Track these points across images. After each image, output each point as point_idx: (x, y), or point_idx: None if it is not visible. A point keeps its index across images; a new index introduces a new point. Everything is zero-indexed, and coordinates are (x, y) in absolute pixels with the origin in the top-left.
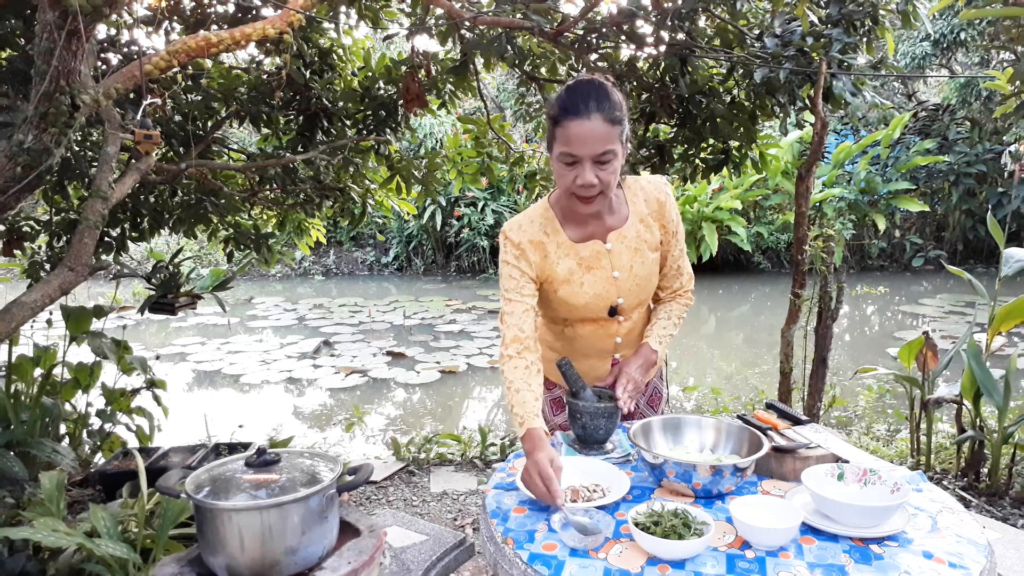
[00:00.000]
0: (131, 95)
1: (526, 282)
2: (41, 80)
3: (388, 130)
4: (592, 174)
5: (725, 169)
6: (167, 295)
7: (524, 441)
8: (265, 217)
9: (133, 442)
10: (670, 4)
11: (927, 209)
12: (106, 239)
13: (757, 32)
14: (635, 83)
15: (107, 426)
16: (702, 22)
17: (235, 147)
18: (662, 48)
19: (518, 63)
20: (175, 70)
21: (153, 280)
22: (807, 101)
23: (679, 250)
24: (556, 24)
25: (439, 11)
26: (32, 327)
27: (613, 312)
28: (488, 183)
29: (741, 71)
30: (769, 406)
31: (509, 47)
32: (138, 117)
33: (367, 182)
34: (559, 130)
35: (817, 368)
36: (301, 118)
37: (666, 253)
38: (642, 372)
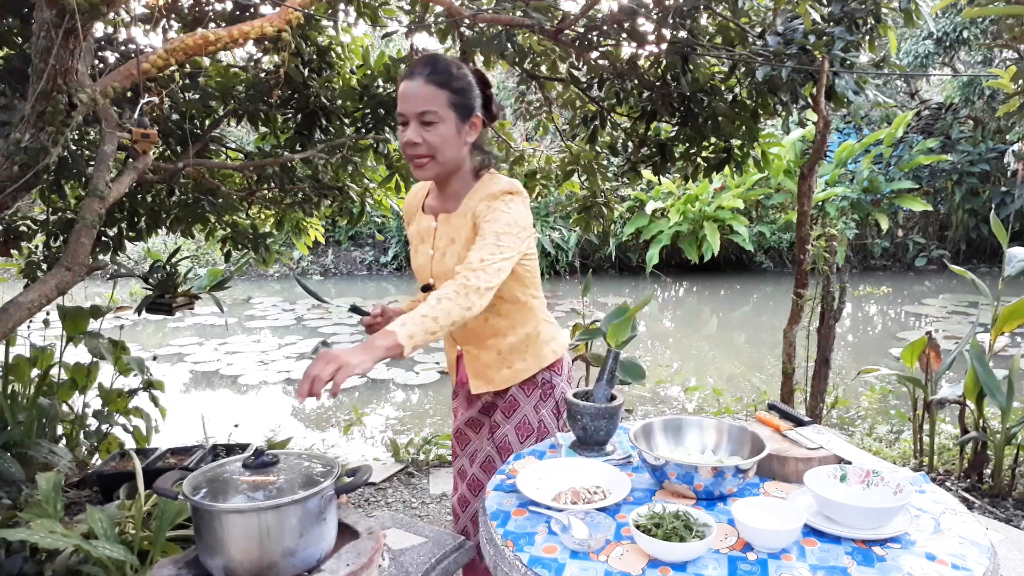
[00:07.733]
0: (128, 94)
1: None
2: (38, 79)
3: (387, 128)
4: (416, 133)
5: (727, 168)
6: (164, 295)
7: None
8: (263, 216)
9: (130, 443)
10: (671, 2)
11: (930, 208)
12: (103, 239)
13: (759, 30)
14: (636, 81)
15: (104, 427)
16: (704, 20)
17: (233, 146)
18: (663, 46)
19: (518, 61)
20: (173, 68)
21: (150, 280)
22: (809, 99)
23: (484, 242)
24: (556, 22)
25: (438, 8)
26: (29, 327)
27: (427, 289)
28: None
29: (743, 69)
30: (771, 407)
31: (509, 45)
32: (135, 116)
33: (366, 181)
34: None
35: (819, 369)
36: (299, 116)
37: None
38: (353, 354)
